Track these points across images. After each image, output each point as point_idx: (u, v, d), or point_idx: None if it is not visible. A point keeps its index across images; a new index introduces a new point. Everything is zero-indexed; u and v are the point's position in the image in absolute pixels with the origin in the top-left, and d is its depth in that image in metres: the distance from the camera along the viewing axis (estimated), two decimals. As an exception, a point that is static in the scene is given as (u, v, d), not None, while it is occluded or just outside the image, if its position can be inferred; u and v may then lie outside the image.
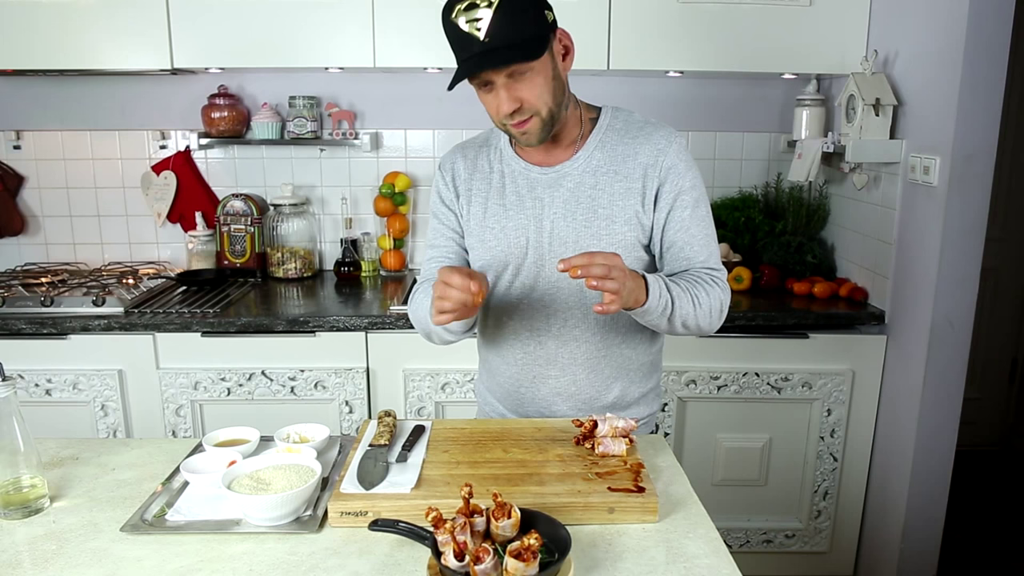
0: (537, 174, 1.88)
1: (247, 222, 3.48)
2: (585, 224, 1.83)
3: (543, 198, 1.86)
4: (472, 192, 1.93)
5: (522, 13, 1.64)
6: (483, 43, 1.62)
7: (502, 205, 1.89)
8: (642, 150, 1.85)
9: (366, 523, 1.42)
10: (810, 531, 3.19)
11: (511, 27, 1.62)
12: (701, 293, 1.79)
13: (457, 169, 1.97)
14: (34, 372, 2.92)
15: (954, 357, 2.80)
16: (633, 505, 1.49)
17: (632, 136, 1.87)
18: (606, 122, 1.90)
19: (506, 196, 1.89)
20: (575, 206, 1.84)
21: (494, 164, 1.93)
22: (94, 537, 1.45)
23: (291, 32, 3.05)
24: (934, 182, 2.69)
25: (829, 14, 3.09)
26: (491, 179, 1.92)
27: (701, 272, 1.85)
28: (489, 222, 1.90)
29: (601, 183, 1.85)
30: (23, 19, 3.00)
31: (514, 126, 1.75)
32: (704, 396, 3.04)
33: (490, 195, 1.91)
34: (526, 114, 1.73)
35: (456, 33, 1.65)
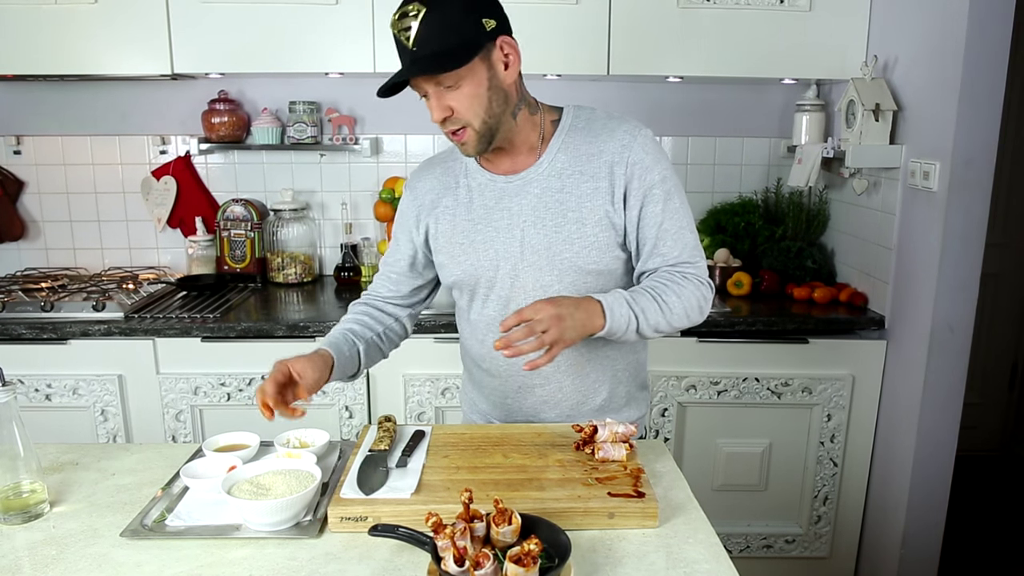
0: (503, 183, 1.85)
1: (247, 227, 3.48)
2: (555, 229, 1.80)
3: (511, 208, 1.83)
4: (438, 209, 1.90)
5: (450, 21, 1.63)
6: (411, 52, 1.64)
7: (470, 220, 1.86)
8: (606, 147, 1.80)
9: (366, 528, 1.41)
10: (810, 536, 3.19)
11: (437, 36, 1.62)
12: (671, 296, 1.77)
13: (420, 187, 1.95)
14: (34, 377, 2.92)
15: (954, 362, 2.80)
16: (633, 510, 1.49)
17: (595, 134, 1.83)
18: (568, 122, 1.86)
19: (474, 210, 1.86)
20: (544, 212, 1.81)
21: (460, 179, 1.90)
22: (94, 542, 1.45)
23: (291, 37, 3.05)
24: (934, 187, 2.69)
25: (829, 19, 3.10)
26: (458, 194, 1.89)
27: (675, 270, 1.82)
28: (459, 238, 1.87)
29: (568, 185, 1.81)
30: (24, 24, 3.01)
31: (451, 135, 1.76)
32: (704, 401, 3.04)
33: (458, 210, 1.88)
34: (457, 124, 1.72)
35: (395, 40, 1.68)
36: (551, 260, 1.81)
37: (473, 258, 1.85)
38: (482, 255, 1.85)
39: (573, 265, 1.81)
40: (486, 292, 1.89)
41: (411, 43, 1.62)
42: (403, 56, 1.67)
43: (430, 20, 1.60)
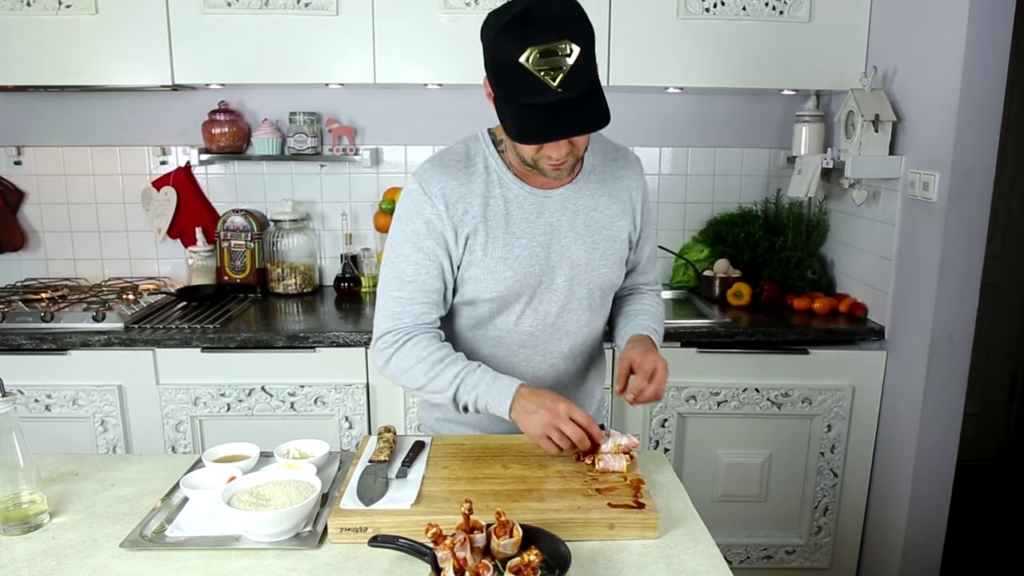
0: (542, 197, 1.82)
1: (247, 238, 3.49)
2: (593, 246, 1.86)
3: (552, 222, 1.82)
4: (475, 221, 1.78)
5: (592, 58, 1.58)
6: (555, 92, 1.53)
7: (512, 234, 1.80)
8: (624, 173, 1.92)
9: (366, 539, 1.41)
10: (810, 547, 3.18)
11: (585, 76, 1.56)
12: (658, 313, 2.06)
13: (448, 194, 1.78)
14: (34, 387, 2.92)
15: (954, 372, 2.79)
16: (633, 521, 1.49)
17: (612, 159, 1.92)
18: (595, 142, 1.92)
19: (515, 223, 1.80)
20: (583, 228, 1.85)
21: (492, 188, 1.80)
22: (93, 553, 1.45)
23: (292, 48, 3.06)
24: (933, 198, 2.69)
25: (828, 30, 3.11)
26: (494, 206, 1.79)
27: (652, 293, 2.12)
28: (500, 252, 1.80)
29: (600, 205, 1.87)
30: (25, 35, 3.01)
31: (552, 166, 1.69)
32: (704, 412, 3.03)
33: (498, 224, 1.79)
34: (572, 157, 1.70)
35: (522, 74, 1.52)
36: (589, 275, 1.88)
37: (520, 273, 1.81)
38: (528, 270, 1.82)
39: (605, 280, 1.92)
40: (522, 307, 1.87)
41: (557, 83, 1.52)
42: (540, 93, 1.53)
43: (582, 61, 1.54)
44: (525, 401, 1.68)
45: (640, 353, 1.82)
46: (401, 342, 1.79)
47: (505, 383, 1.71)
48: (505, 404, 1.69)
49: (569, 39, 1.51)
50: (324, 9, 3.03)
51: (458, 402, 1.74)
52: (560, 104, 1.55)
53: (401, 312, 1.81)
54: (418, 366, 1.76)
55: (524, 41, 1.51)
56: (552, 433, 1.64)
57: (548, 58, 1.51)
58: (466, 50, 3.05)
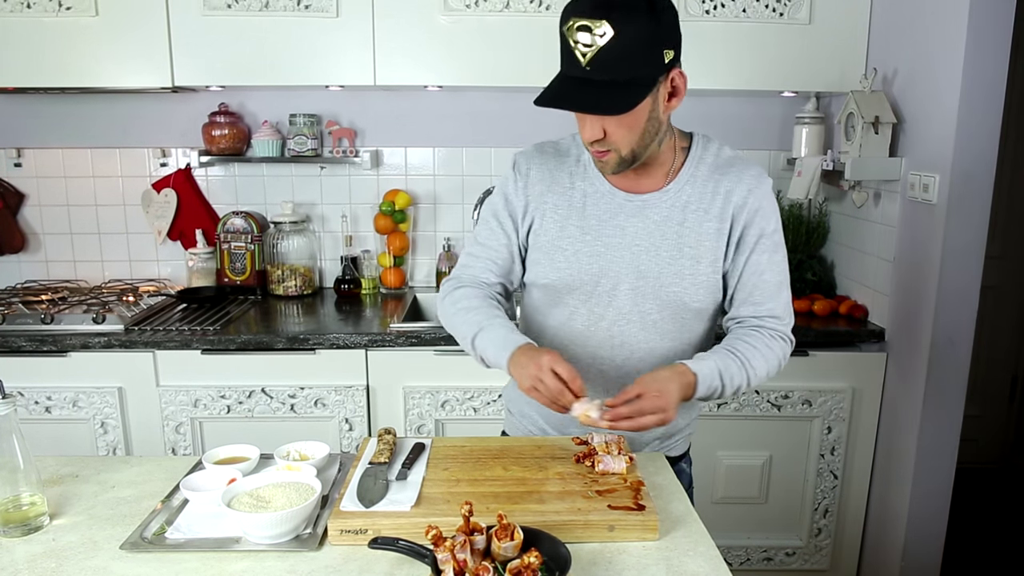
0: (622, 200, 1.80)
1: (247, 240, 3.49)
2: (669, 261, 1.78)
3: (625, 227, 1.79)
4: (547, 205, 1.83)
5: (634, 52, 1.54)
6: (583, 69, 1.55)
7: (580, 227, 1.80)
8: (734, 189, 1.79)
9: (366, 541, 1.41)
10: (811, 549, 3.18)
11: (616, 64, 1.53)
12: (759, 361, 1.77)
13: (532, 175, 1.85)
14: (34, 389, 2.92)
15: (954, 374, 2.80)
16: (633, 523, 1.49)
17: (722, 173, 1.80)
18: (698, 154, 1.83)
19: (586, 218, 1.80)
20: (660, 240, 1.78)
21: (576, 180, 1.83)
22: (93, 555, 1.45)
23: (292, 50, 3.06)
24: (933, 200, 2.70)
25: (828, 32, 3.11)
26: (571, 196, 1.82)
27: (765, 328, 1.82)
28: (563, 243, 1.81)
29: (689, 220, 1.78)
30: (25, 37, 3.02)
31: (595, 153, 1.70)
32: (704, 414, 3.03)
33: (569, 214, 1.81)
34: (606, 146, 1.66)
35: (564, 45, 1.58)
36: (658, 290, 1.80)
37: (575, 267, 1.81)
38: (585, 267, 1.81)
39: (679, 300, 1.81)
40: (576, 304, 1.85)
41: (585, 61, 1.54)
42: (568, 65, 1.58)
43: (615, 46, 1.52)
44: (520, 355, 1.67)
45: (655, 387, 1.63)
46: (454, 287, 1.89)
47: (512, 339, 1.72)
48: (504, 357, 1.70)
49: (609, 21, 1.50)
50: (324, 11, 3.03)
51: (476, 351, 1.78)
52: (583, 81, 1.56)
53: (466, 264, 1.93)
54: (457, 310, 1.83)
55: (571, 12, 1.55)
56: (537, 384, 1.62)
57: (584, 32, 1.52)
58: (466, 52, 3.05)
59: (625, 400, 1.61)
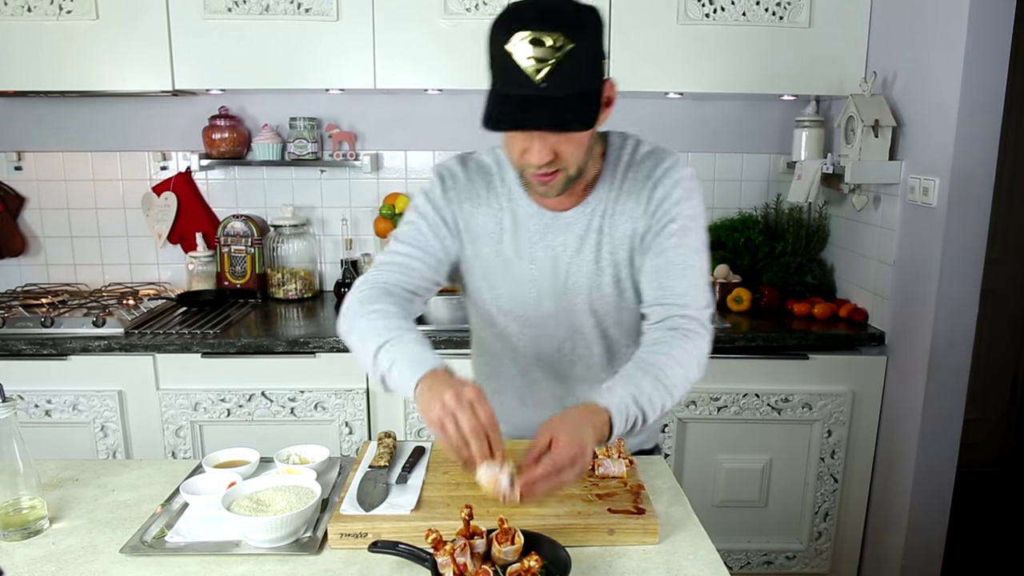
0: (549, 219, 1.74)
1: (247, 243, 3.49)
2: (598, 272, 1.75)
3: (554, 245, 1.75)
4: (479, 227, 1.77)
5: (588, 65, 1.47)
6: (538, 86, 1.42)
7: (516, 250, 1.76)
8: (645, 185, 1.72)
9: (366, 545, 1.41)
10: (811, 552, 3.18)
11: (573, 79, 1.44)
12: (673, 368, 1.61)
13: (461, 192, 1.77)
14: (34, 393, 2.92)
15: (954, 378, 2.79)
16: (633, 527, 1.49)
17: (635, 170, 1.73)
18: (613, 157, 1.75)
19: (519, 240, 1.76)
20: (588, 253, 1.74)
21: (503, 201, 1.76)
22: (93, 559, 1.45)
23: (292, 53, 3.07)
24: (933, 203, 2.70)
25: (828, 36, 3.11)
26: (501, 217, 1.76)
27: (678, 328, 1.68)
28: (500, 267, 1.78)
29: (607, 226, 1.73)
30: (25, 41, 3.02)
31: (538, 177, 1.58)
32: (704, 417, 3.03)
33: (502, 236, 1.76)
34: (555, 167, 1.55)
35: (507, 62, 1.44)
36: (591, 302, 1.78)
37: (514, 290, 1.78)
38: (525, 290, 1.78)
39: (614, 306, 1.79)
40: (521, 326, 1.83)
41: (541, 77, 1.41)
42: (516, 84, 1.44)
43: (572, 59, 1.42)
44: (434, 380, 1.45)
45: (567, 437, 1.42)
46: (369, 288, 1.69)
47: (426, 357, 1.51)
48: (414, 377, 1.48)
49: (564, 34, 1.41)
50: (324, 15, 3.03)
51: (377, 365, 1.54)
52: (540, 99, 1.43)
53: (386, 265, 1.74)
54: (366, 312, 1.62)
55: (516, 25, 1.42)
56: (448, 421, 1.39)
57: (536, 47, 1.41)
58: (466, 55, 3.05)
59: (538, 454, 1.41)
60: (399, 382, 1.51)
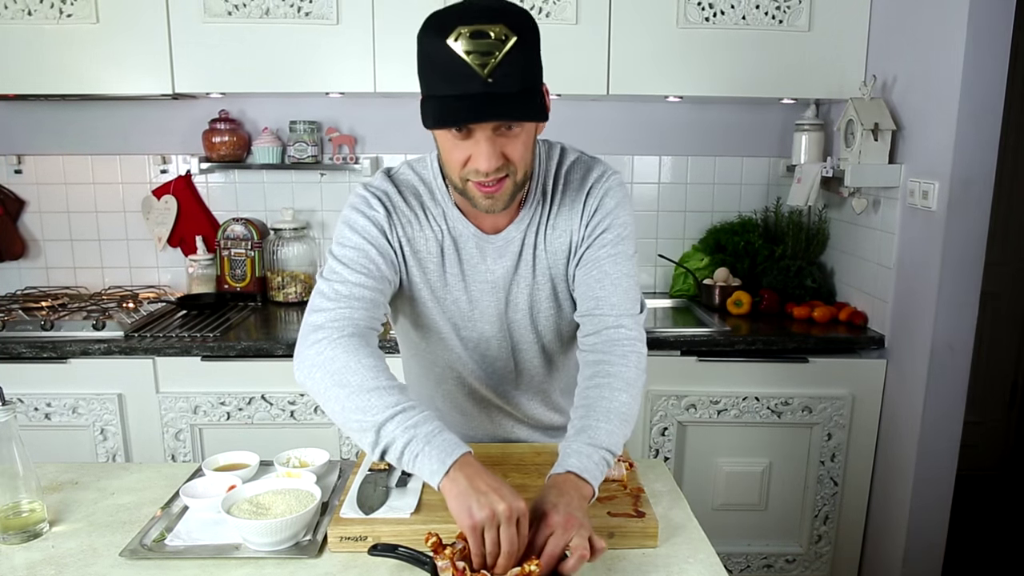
0: (485, 242, 1.69)
1: (247, 246, 3.49)
2: (538, 288, 1.73)
3: (495, 268, 1.71)
4: (420, 251, 1.70)
5: (531, 61, 1.44)
6: (485, 82, 1.38)
7: (458, 275, 1.72)
8: (577, 197, 1.69)
9: (366, 548, 1.41)
10: (811, 556, 3.18)
11: (520, 72, 1.40)
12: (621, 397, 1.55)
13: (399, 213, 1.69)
14: (34, 396, 2.92)
15: (954, 381, 2.79)
16: (633, 530, 1.49)
17: (567, 182, 1.70)
18: (542, 171, 1.70)
19: (461, 263, 1.71)
20: (526, 271, 1.72)
21: (440, 223, 1.70)
22: (93, 562, 1.45)
23: (292, 57, 3.07)
24: (933, 206, 2.70)
25: (828, 39, 3.11)
26: (442, 240, 1.70)
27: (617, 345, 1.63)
28: (442, 292, 1.73)
29: (540, 242, 1.70)
30: (25, 44, 3.02)
31: (484, 186, 1.51)
32: (704, 420, 3.03)
33: (443, 260, 1.71)
34: (504, 172, 1.49)
35: (449, 59, 1.40)
36: (534, 319, 1.77)
37: (458, 316, 1.75)
38: (466, 314, 1.75)
39: (554, 324, 1.78)
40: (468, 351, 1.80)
41: (487, 72, 1.37)
42: (459, 82, 1.40)
43: (517, 53, 1.39)
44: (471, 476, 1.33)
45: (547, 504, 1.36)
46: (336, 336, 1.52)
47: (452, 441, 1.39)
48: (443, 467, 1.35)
49: (506, 25, 1.38)
50: (324, 18, 3.03)
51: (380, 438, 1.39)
52: (488, 96, 1.39)
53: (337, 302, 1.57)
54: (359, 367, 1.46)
55: (454, 22, 1.39)
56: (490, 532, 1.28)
57: (478, 40, 1.37)
58: (466, 59, 3.05)
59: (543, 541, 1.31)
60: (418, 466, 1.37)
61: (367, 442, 1.40)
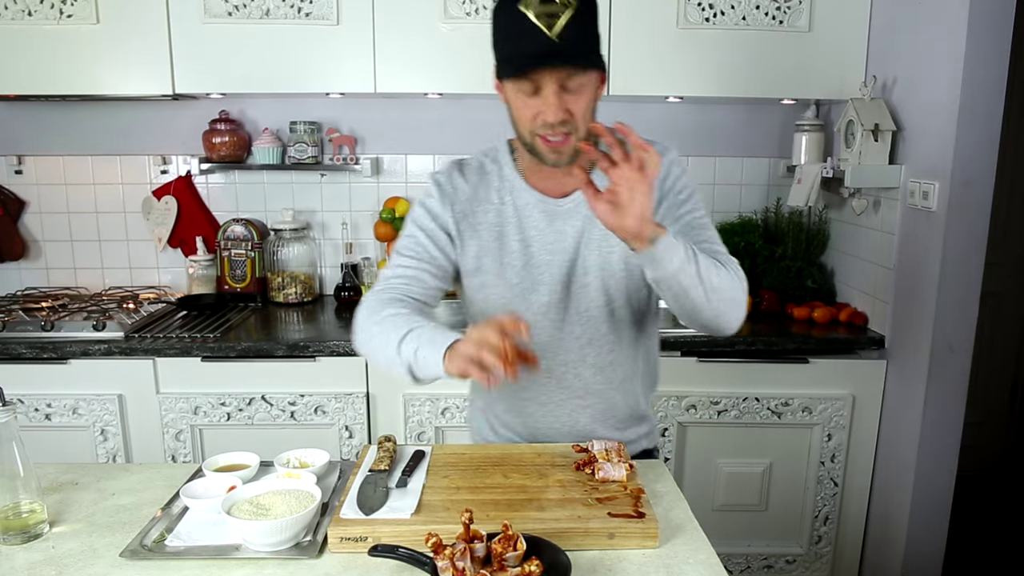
0: (553, 205, 1.81)
1: (248, 247, 3.49)
2: (609, 251, 1.80)
3: (564, 229, 1.80)
4: (479, 225, 1.82)
5: (593, 23, 1.62)
6: (552, 42, 1.55)
7: (521, 240, 1.81)
8: None
9: (366, 548, 1.41)
10: (811, 556, 3.18)
11: (583, 34, 1.59)
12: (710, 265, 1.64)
13: (458, 194, 1.84)
14: (34, 397, 2.92)
15: (954, 382, 2.79)
16: (633, 530, 1.49)
17: None
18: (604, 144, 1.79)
19: (524, 229, 1.81)
20: (599, 234, 1.79)
21: (504, 195, 1.83)
22: (93, 563, 1.45)
23: (292, 58, 3.07)
24: (933, 207, 2.70)
25: (828, 40, 3.11)
26: (503, 211, 1.82)
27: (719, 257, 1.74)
28: (508, 258, 1.81)
29: None
30: (26, 45, 3.02)
31: (549, 141, 1.66)
32: (704, 421, 3.03)
33: (505, 229, 1.81)
34: (567, 128, 1.64)
35: (520, 24, 1.56)
36: (605, 281, 1.81)
37: (528, 280, 1.82)
38: (536, 276, 1.81)
39: (625, 285, 1.82)
40: (536, 315, 1.83)
41: (555, 32, 1.55)
42: (531, 42, 1.56)
43: (580, 20, 1.57)
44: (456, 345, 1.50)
45: None
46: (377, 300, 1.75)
47: (448, 334, 1.55)
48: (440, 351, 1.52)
49: None
50: (325, 19, 3.03)
51: (402, 355, 1.59)
52: (556, 51, 1.56)
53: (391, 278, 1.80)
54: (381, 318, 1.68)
55: None
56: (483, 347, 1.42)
57: (546, 5, 1.55)
58: (466, 59, 3.06)
59: None
60: (426, 365, 1.55)
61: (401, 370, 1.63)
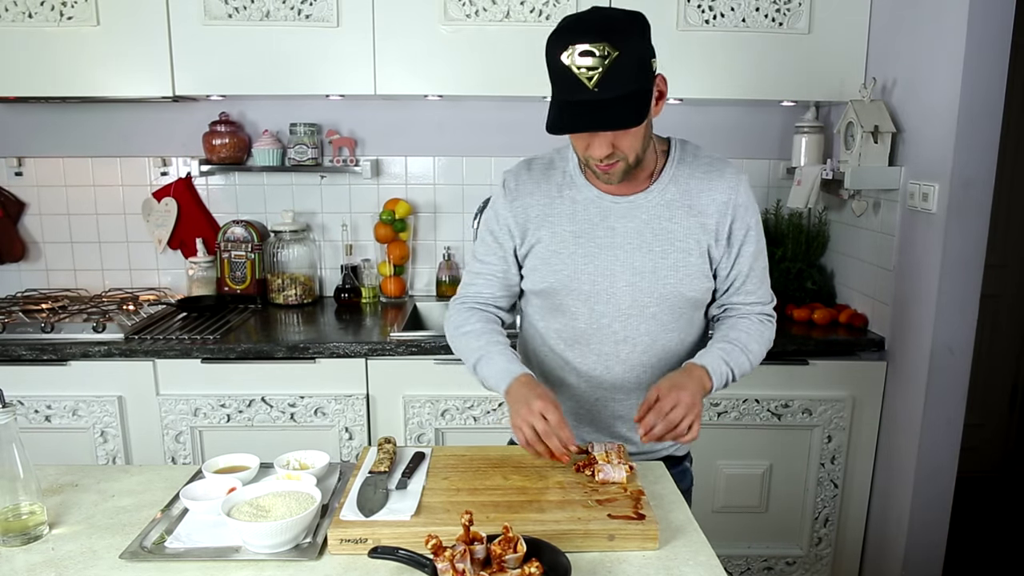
0: (609, 203, 1.88)
1: (247, 248, 3.49)
2: (662, 256, 1.86)
3: (616, 227, 1.87)
4: (539, 217, 1.92)
5: (633, 68, 1.65)
6: (591, 92, 1.61)
7: (573, 232, 1.89)
8: (716, 187, 1.89)
9: (366, 550, 1.41)
10: (811, 558, 3.18)
11: (621, 81, 1.62)
12: (754, 345, 1.92)
13: (522, 189, 1.94)
14: (34, 398, 2.92)
15: (954, 383, 2.79)
16: (633, 532, 1.49)
17: (703, 172, 1.91)
18: (677, 155, 1.93)
19: (577, 223, 1.89)
20: (651, 237, 1.87)
21: (564, 190, 1.92)
22: (93, 564, 1.45)
23: (292, 60, 3.07)
24: (933, 209, 2.70)
25: (828, 42, 3.11)
26: (560, 204, 1.91)
27: (754, 315, 1.96)
28: (558, 247, 1.89)
29: (676, 216, 1.87)
30: (26, 47, 3.02)
31: (600, 167, 1.77)
32: (704, 422, 2.97)
33: (560, 221, 1.90)
34: (615, 159, 1.74)
35: (564, 73, 1.63)
36: (654, 284, 1.87)
37: (572, 269, 1.88)
38: (581, 268, 1.88)
39: (675, 291, 1.88)
40: (577, 305, 1.91)
41: (593, 83, 1.61)
42: (572, 91, 1.63)
43: (619, 65, 1.61)
44: (518, 387, 1.77)
45: (668, 385, 1.76)
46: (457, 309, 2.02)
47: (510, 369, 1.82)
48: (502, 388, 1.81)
49: (609, 43, 1.60)
50: (325, 21, 3.04)
51: (478, 375, 1.89)
52: (595, 103, 1.62)
53: (469, 283, 2.04)
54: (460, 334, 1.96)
55: (567, 41, 1.62)
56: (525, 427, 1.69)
57: (586, 57, 1.60)
58: (466, 61, 3.06)
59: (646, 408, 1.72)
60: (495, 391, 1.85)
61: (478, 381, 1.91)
